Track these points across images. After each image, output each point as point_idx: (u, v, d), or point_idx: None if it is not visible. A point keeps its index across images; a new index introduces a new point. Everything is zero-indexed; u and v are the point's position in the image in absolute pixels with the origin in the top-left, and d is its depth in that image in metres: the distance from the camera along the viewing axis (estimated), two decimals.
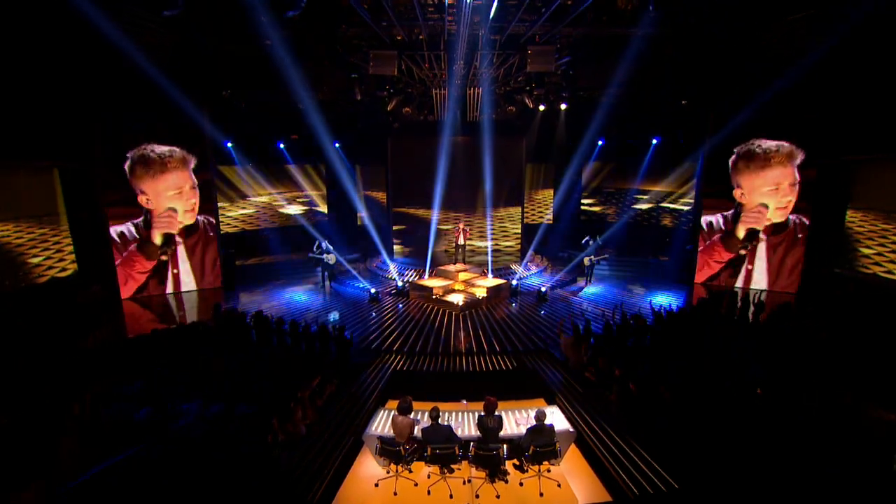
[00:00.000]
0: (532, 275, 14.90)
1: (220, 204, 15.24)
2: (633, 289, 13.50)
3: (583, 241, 14.10)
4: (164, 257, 12.89)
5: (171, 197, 12.78)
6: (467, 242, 14.81)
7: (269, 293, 13.43)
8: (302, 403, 6.52)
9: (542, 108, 13.32)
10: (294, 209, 17.40)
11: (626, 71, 10.00)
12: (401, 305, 12.17)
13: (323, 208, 17.90)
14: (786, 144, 12.12)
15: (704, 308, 9.90)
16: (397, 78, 11.32)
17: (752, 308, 9.66)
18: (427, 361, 9.28)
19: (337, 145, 17.08)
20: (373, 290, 12.60)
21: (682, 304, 11.67)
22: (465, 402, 6.56)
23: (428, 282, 13.21)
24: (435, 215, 15.77)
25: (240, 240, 16.03)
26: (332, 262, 13.55)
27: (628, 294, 12.90)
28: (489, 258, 14.86)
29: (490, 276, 13.77)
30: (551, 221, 17.97)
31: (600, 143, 16.57)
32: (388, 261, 15.62)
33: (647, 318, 9.35)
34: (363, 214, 17.56)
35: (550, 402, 7.07)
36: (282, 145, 16.42)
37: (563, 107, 13.30)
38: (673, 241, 15.40)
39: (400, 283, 13.11)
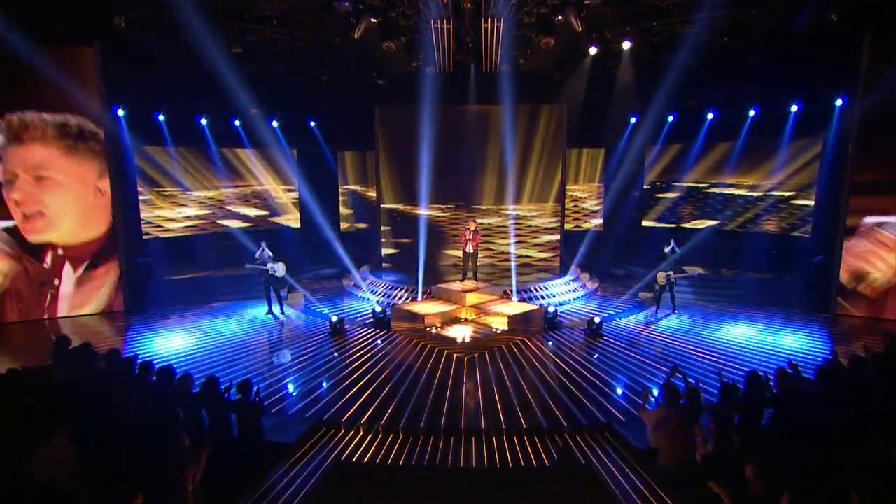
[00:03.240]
0: (576, 299, 12.31)
1: (145, 197, 12.91)
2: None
3: (666, 250, 11.43)
4: None
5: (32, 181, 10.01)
6: (479, 251, 12.07)
7: (194, 319, 10.85)
8: None
9: (593, 50, 10.07)
10: (256, 210, 14.84)
11: None
12: (379, 342, 9.59)
13: (293, 209, 15.47)
14: None
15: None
16: None
17: None
18: (400, 446, 6.09)
19: (312, 124, 14.96)
20: (334, 318, 9.88)
21: (829, 351, 8.25)
22: None
23: (419, 306, 10.56)
24: (424, 211, 13.57)
25: (173, 248, 13.53)
26: (280, 274, 10.66)
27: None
28: (513, 274, 12.19)
29: (514, 298, 11.23)
30: (601, 228, 15.29)
31: (671, 118, 13.69)
32: (362, 277, 13.06)
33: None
34: (323, 222, 14.92)
35: None
36: (237, 122, 13.78)
37: (626, 45, 9.96)
38: (794, 252, 12.22)
39: (378, 309, 10.40)
